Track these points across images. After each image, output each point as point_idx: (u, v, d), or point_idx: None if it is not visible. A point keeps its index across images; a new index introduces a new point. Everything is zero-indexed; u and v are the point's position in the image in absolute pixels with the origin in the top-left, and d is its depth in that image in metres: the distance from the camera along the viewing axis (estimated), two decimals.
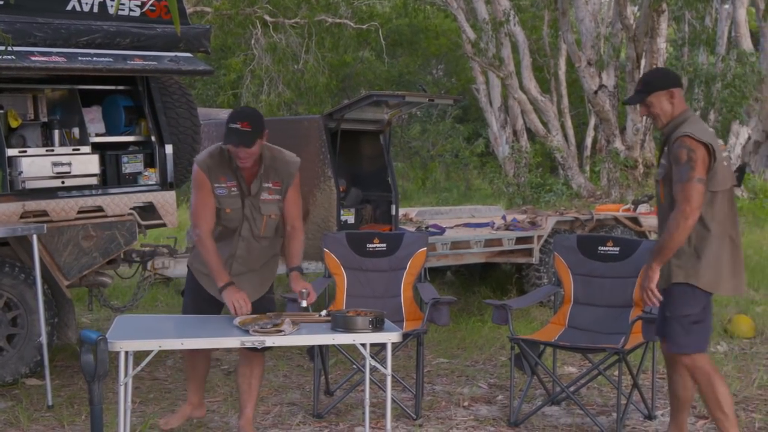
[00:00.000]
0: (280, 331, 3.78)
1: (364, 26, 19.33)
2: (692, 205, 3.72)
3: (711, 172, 3.79)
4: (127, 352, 3.67)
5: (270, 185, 4.13)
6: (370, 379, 4.06)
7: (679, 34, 21.23)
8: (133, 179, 5.92)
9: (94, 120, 5.93)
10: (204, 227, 4.07)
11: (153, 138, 5.97)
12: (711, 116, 18.66)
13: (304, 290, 4.08)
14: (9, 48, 4.74)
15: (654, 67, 14.21)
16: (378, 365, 3.93)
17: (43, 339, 5.15)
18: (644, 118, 13.58)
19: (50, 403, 4.95)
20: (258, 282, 4.29)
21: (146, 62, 5.62)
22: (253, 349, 4.18)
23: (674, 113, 3.96)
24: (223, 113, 9.45)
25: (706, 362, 3.92)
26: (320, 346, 4.84)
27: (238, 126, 3.94)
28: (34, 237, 5.04)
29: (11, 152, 5.36)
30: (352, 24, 19.30)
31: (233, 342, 3.81)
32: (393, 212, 6.89)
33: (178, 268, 6.29)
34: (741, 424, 4.64)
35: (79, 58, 5.33)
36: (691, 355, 3.90)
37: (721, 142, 4.02)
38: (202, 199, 4.08)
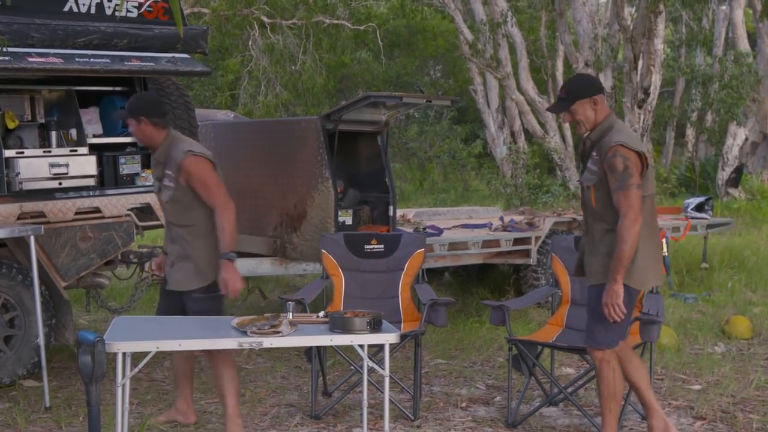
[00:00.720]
0: (278, 332, 3.78)
1: (361, 27, 19.29)
2: (635, 210, 3.87)
3: (644, 178, 3.94)
4: (124, 354, 3.67)
5: (170, 172, 4.29)
6: (368, 380, 4.06)
7: (676, 35, 21.26)
8: (130, 180, 5.92)
9: (91, 121, 5.93)
10: None
11: None
12: (708, 117, 18.68)
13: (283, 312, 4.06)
14: (5, 49, 4.74)
15: (650, 68, 14.22)
16: (376, 366, 3.93)
17: (41, 340, 5.15)
18: (641, 119, 13.64)
19: (48, 405, 4.94)
20: (172, 272, 4.38)
21: (143, 63, 5.61)
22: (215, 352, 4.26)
23: (597, 120, 4.07)
24: (221, 114, 9.46)
25: (613, 357, 4.08)
26: (318, 348, 4.84)
27: None
28: (32, 238, 5.04)
29: (8, 153, 5.36)
30: (349, 25, 19.26)
31: (231, 343, 3.80)
32: (390, 213, 6.87)
33: None
34: (739, 425, 4.65)
35: (77, 59, 5.32)
36: (603, 350, 4.07)
37: (650, 146, 4.13)
38: None
